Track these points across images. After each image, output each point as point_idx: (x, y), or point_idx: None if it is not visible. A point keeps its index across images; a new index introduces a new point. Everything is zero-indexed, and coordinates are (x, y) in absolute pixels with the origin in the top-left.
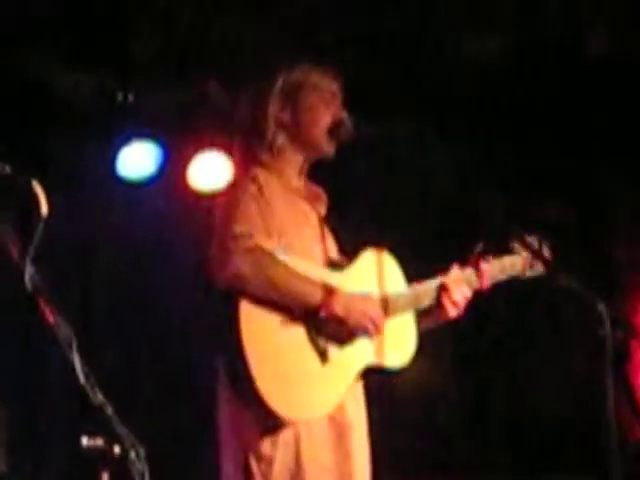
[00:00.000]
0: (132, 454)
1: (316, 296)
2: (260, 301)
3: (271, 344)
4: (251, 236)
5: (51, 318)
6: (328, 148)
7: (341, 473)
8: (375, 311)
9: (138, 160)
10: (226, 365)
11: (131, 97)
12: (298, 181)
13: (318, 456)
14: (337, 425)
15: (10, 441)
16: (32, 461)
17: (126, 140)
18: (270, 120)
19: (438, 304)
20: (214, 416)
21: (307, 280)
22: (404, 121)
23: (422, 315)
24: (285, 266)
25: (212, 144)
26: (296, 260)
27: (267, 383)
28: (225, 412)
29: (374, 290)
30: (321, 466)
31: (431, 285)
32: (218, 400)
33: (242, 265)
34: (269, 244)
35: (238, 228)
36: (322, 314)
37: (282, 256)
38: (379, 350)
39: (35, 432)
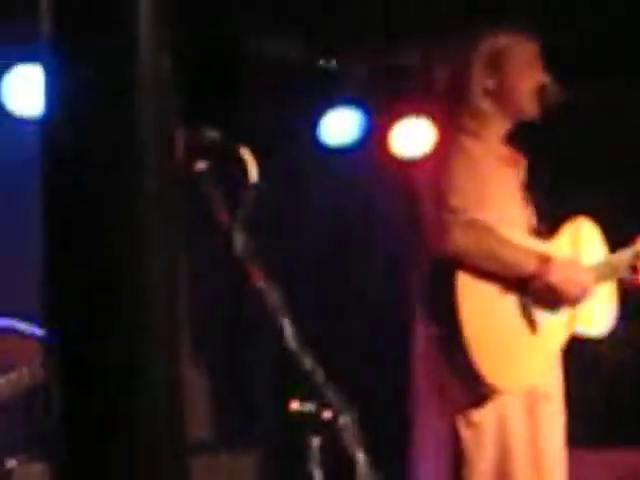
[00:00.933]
0: (342, 419)
1: (531, 265)
2: (477, 272)
3: (486, 315)
4: (466, 210)
5: (261, 283)
6: (533, 112)
7: (534, 443)
8: (588, 280)
9: (341, 127)
10: (440, 334)
11: (334, 64)
12: (502, 147)
13: (517, 427)
14: (532, 395)
15: (214, 407)
16: (239, 427)
17: (329, 106)
18: (475, 87)
19: (635, 272)
20: (418, 384)
21: (522, 250)
22: (606, 85)
23: (621, 282)
24: (500, 237)
25: (414, 110)
26: (507, 230)
27: (481, 353)
28: (434, 379)
29: (579, 259)
30: (522, 437)
31: (627, 253)
32: (427, 368)
33: (462, 239)
34: (482, 215)
35: (454, 201)
36: (537, 283)
37: (494, 226)
38: (584, 318)
39: (242, 398)
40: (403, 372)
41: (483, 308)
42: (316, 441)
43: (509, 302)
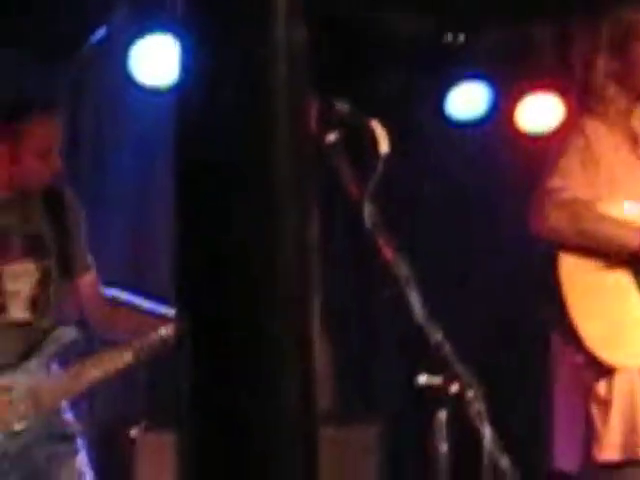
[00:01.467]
0: (469, 393)
1: (635, 241)
2: (580, 251)
3: (594, 293)
4: (565, 189)
5: (389, 255)
6: None
7: None
8: None
9: (468, 100)
10: (554, 315)
11: (462, 37)
12: (630, 128)
13: None
14: None
15: (336, 376)
16: (364, 399)
17: (456, 80)
18: (599, 71)
19: None
20: (546, 361)
21: (625, 225)
22: None
23: None
24: (601, 215)
25: (543, 86)
26: (627, 206)
27: (592, 332)
28: (562, 357)
29: None
30: None
31: None
32: (554, 346)
33: (556, 219)
34: (589, 194)
35: (552, 182)
36: None
37: (606, 205)
38: None
39: (367, 369)
40: (531, 349)
41: (590, 287)
42: (442, 414)
43: (622, 278)
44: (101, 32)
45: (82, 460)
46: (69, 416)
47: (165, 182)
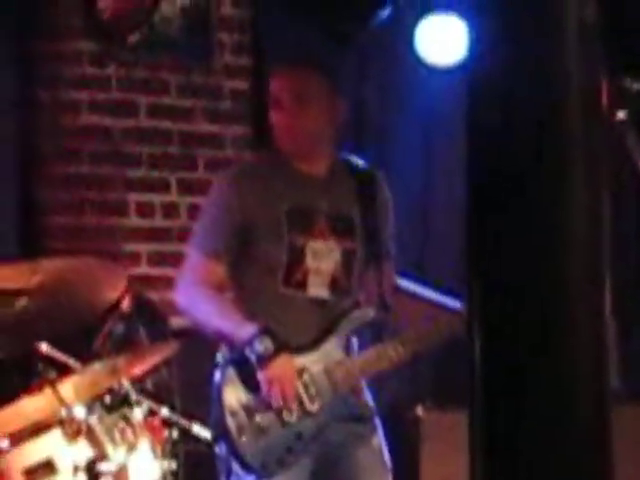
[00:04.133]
0: None
1: None
2: None
3: None
4: None
5: None
6: None
7: None
8: None
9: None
10: None
11: None
12: None
13: None
14: None
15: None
16: None
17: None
18: None
19: None
20: None
21: None
22: None
23: None
24: None
25: None
26: None
27: None
28: None
29: None
30: None
31: None
32: None
33: None
34: None
35: None
36: None
37: None
38: None
39: None
40: None
41: None
42: None
43: None
44: (387, 9)
45: (380, 441)
46: (366, 397)
47: (446, 164)
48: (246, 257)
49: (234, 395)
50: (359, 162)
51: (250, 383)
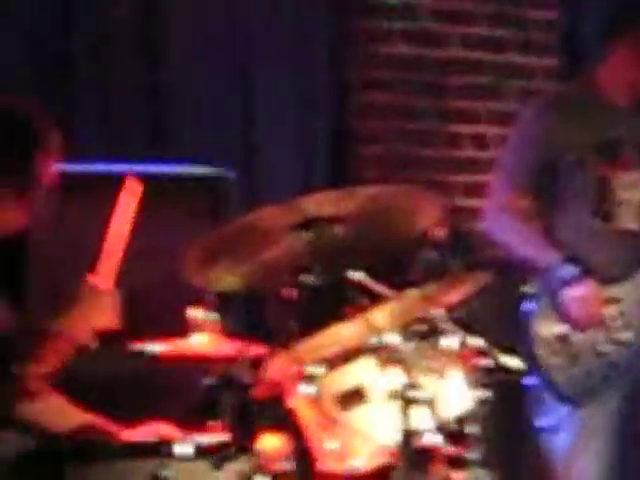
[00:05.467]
0: None
1: None
2: None
3: None
4: None
5: None
6: None
7: None
8: None
9: None
10: None
11: None
12: None
13: None
14: None
15: None
16: None
17: None
18: None
19: None
20: None
21: None
22: None
23: None
24: None
25: None
26: None
27: None
28: None
29: None
30: None
31: None
32: None
33: None
34: None
35: None
36: None
37: None
38: None
39: None
40: None
41: None
42: None
43: None
44: None
45: None
46: None
47: None
48: (553, 190)
49: (546, 325)
50: None
51: (561, 313)
